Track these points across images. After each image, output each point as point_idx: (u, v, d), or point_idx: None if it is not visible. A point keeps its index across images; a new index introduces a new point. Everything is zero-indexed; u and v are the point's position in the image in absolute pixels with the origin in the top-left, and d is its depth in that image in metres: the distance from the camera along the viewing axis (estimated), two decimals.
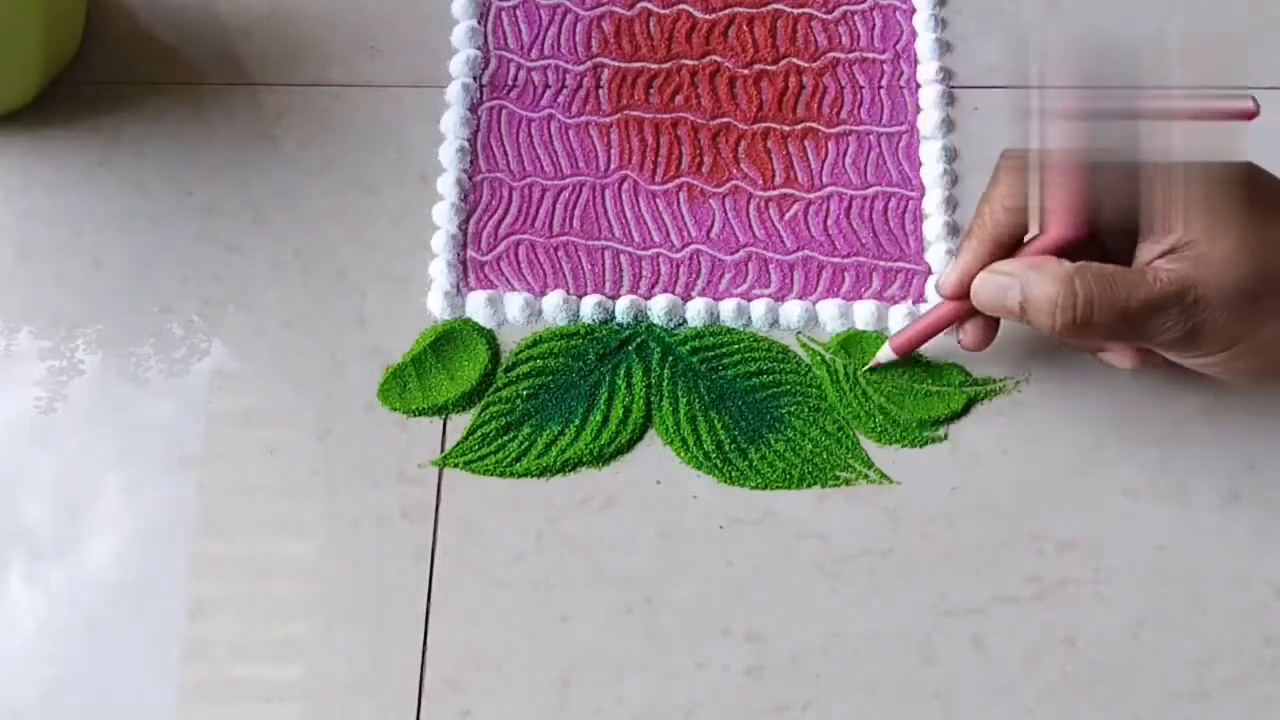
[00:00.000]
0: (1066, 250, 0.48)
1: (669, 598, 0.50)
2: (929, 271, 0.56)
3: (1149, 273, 0.46)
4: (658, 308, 0.55)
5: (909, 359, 0.54)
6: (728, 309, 0.55)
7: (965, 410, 0.53)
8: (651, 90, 0.60)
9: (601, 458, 0.53)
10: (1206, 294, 0.46)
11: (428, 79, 0.60)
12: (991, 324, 0.52)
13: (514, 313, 0.55)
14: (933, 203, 0.57)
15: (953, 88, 0.60)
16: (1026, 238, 0.49)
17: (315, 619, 0.50)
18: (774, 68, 0.60)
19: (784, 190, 0.58)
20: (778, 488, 0.52)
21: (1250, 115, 0.45)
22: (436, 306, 0.55)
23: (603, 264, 0.56)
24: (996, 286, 0.49)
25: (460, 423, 0.53)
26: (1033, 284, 0.47)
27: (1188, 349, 0.47)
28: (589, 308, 0.55)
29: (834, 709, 0.48)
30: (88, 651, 0.49)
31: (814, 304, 0.55)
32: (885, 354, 0.54)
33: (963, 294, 0.50)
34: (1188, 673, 0.49)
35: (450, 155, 0.58)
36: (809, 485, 0.52)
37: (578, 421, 0.53)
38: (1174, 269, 0.46)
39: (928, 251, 0.57)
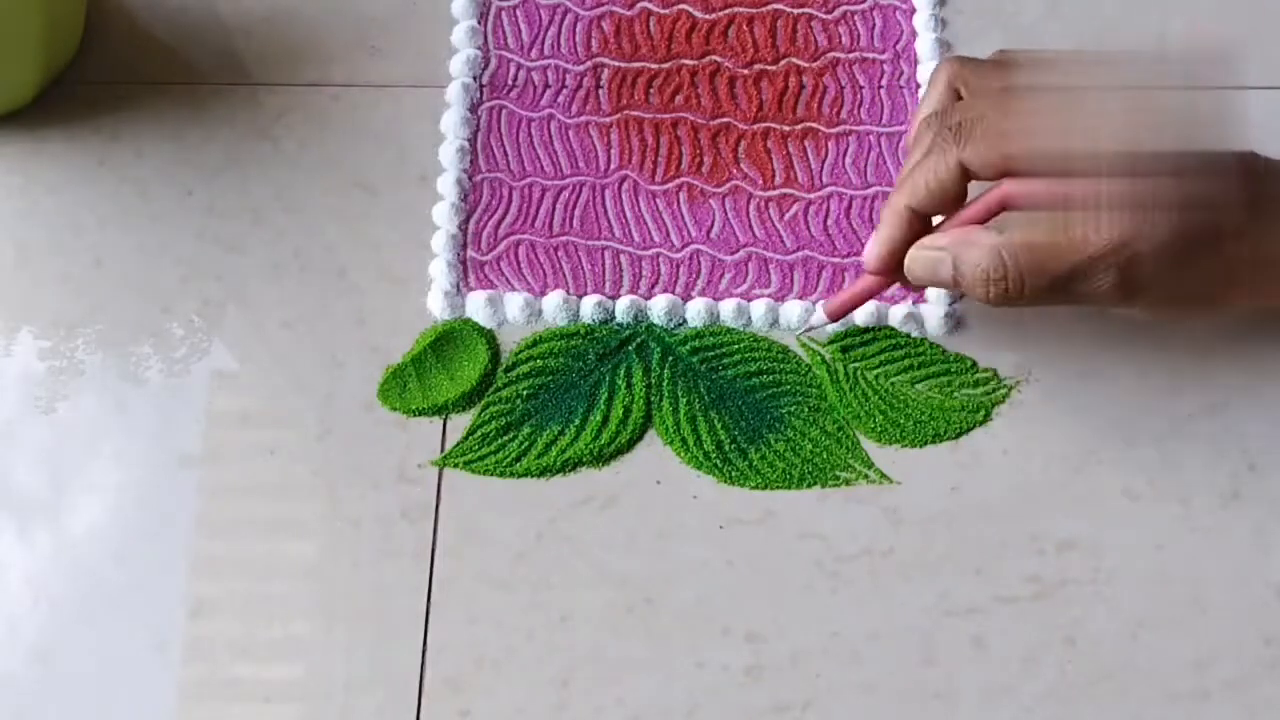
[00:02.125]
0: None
1: (669, 598, 0.50)
2: None
3: (1078, 238, 0.47)
4: (658, 308, 0.55)
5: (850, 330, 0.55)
6: (728, 309, 0.55)
7: (986, 418, 0.53)
8: (651, 90, 0.60)
9: (601, 458, 0.53)
10: (1137, 251, 0.46)
11: (428, 79, 0.60)
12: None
13: (514, 313, 0.55)
14: None
15: None
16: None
17: (315, 619, 0.50)
18: (774, 68, 0.60)
19: (784, 190, 0.58)
20: (778, 488, 0.52)
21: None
22: (436, 306, 0.55)
23: (603, 264, 0.56)
24: (929, 261, 0.49)
25: (460, 423, 0.53)
26: (964, 258, 0.48)
27: (1120, 304, 0.48)
28: (589, 308, 0.55)
29: (834, 709, 0.48)
30: (87, 651, 0.49)
31: (814, 304, 0.55)
32: (819, 318, 0.54)
33: (890, 268, 0.51)
34: (1188, 673, 0.49)
35: (450, 155, 0.58)
36: (809, 485, 0.52)
37: (578, 421, 0.53)
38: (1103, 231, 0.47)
39: None
